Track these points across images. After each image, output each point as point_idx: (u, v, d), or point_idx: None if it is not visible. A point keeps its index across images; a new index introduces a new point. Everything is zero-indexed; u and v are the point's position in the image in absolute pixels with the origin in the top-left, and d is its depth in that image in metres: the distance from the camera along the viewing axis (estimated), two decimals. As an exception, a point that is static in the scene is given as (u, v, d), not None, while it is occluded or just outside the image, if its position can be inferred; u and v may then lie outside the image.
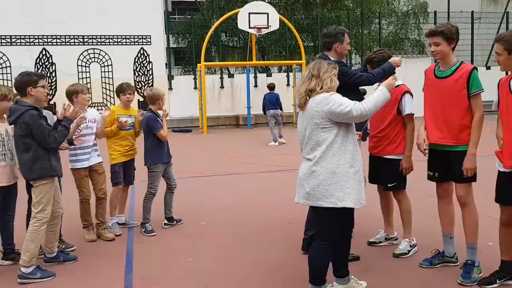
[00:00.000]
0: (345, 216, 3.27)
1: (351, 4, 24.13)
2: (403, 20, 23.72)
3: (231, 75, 18.66)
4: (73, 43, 16.16)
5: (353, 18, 21.41)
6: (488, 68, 20.02)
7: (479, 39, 20.29)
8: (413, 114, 4.11)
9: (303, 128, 3.26)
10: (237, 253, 4.39)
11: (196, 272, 3.96)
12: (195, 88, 17.59)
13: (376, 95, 3.23)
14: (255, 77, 18.33)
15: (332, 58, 3.92)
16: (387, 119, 4.12)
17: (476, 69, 3.64)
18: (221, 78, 18.24)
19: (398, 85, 4.05)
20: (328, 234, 3.23)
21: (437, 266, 3.90)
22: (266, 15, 15.37)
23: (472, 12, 20.15)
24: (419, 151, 3.87)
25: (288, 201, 4.14)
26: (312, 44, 22.30)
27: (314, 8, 22.22)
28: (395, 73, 3.98)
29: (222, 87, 18.17)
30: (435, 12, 20.07)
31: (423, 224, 4.70)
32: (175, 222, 5.31)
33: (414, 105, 4.12)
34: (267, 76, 18.65)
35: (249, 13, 15.16)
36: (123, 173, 5.18)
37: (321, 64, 3.26)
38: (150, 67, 17.11)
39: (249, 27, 15.18)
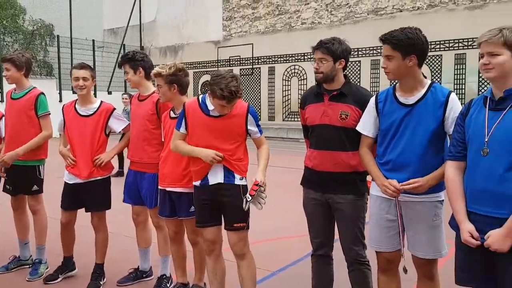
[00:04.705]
0: None
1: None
2: (30, 40, 23.36)
3: None
4: None
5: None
6: (109, 93, 22.15)
7: (103, 66, 22.20)
8: None
9: None
10: None
11: None
12: None
13: None
14: None
15: None
16: None
17: (44, 94, 4.32)
18: None
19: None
20: None
21: (13, 270, 4.43)
22: None
23: (93, 40, 21.93)
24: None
25: None
26: None
27: None
28: None
29: None
30: (58, 36, 20.77)
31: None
32: None
33: None
34: None
35: None
36: None
37: None
38: None
39: None
